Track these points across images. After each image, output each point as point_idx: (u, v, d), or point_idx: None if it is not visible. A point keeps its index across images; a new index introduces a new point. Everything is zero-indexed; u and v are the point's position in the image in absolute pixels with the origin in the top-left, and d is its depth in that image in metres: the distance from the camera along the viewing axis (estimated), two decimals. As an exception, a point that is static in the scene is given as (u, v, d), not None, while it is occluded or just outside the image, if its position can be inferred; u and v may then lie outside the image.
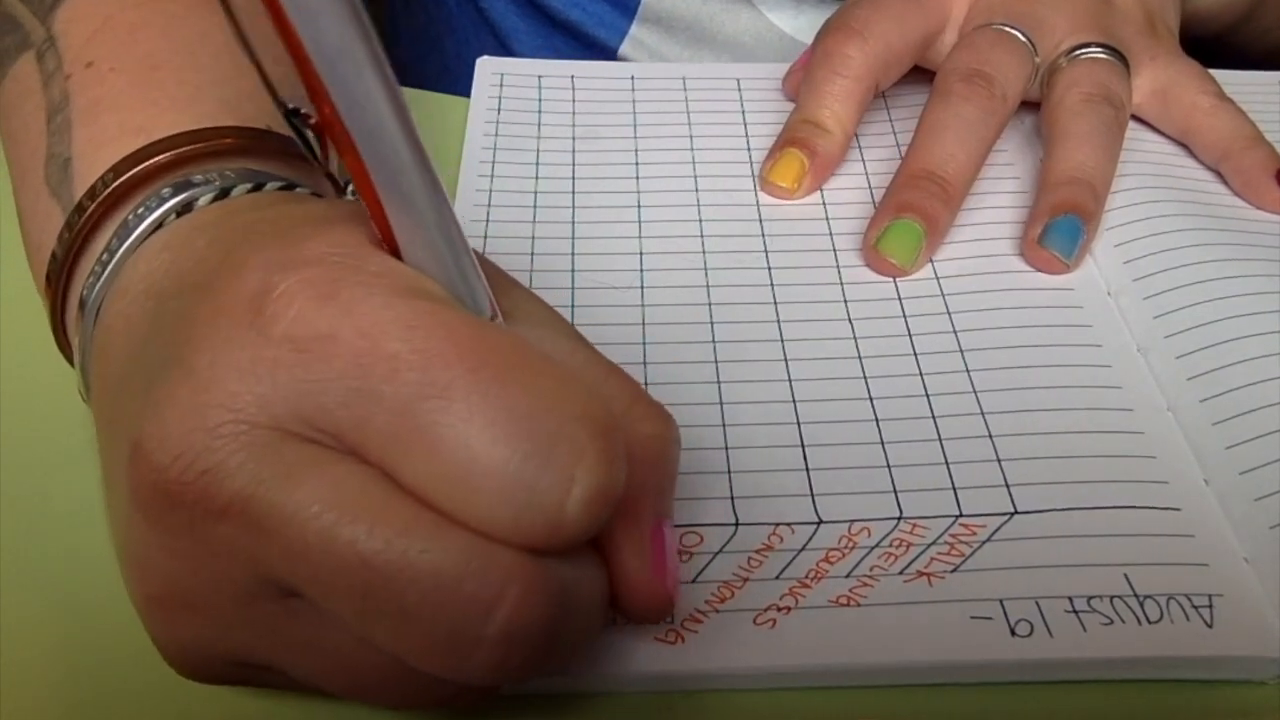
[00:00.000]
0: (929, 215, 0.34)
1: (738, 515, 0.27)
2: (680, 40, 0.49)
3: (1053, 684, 0.25)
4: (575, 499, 0.19)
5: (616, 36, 0.50)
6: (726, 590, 0.26)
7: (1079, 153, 0.35)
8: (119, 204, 0.25)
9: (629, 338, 0.32)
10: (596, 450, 0.19)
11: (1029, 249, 0.34)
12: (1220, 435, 0.29)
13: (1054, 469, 0.28)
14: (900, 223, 0.34)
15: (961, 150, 0.35)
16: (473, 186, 0.37)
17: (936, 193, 0.34)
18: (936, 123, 0.35)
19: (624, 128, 0.40)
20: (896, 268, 0.34)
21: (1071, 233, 0.34)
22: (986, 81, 0.35)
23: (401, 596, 0.18)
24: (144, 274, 0.23)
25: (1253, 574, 0.26)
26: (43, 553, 0.27)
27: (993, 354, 0.32)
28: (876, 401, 0.30)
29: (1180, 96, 0.38)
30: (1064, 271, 0.34)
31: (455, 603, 0.18)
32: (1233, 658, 0.25)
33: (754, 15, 0.48)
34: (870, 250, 0.34)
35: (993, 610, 0.25)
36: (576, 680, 0.25)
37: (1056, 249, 0.34)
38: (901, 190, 0.35)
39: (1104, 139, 0.35)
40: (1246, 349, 0.31)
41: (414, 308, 0.19)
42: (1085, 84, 0.36)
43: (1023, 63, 0.36)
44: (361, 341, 0.19)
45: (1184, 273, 0.33)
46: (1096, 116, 0.35)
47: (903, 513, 0.27)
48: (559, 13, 0.51)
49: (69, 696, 0.25)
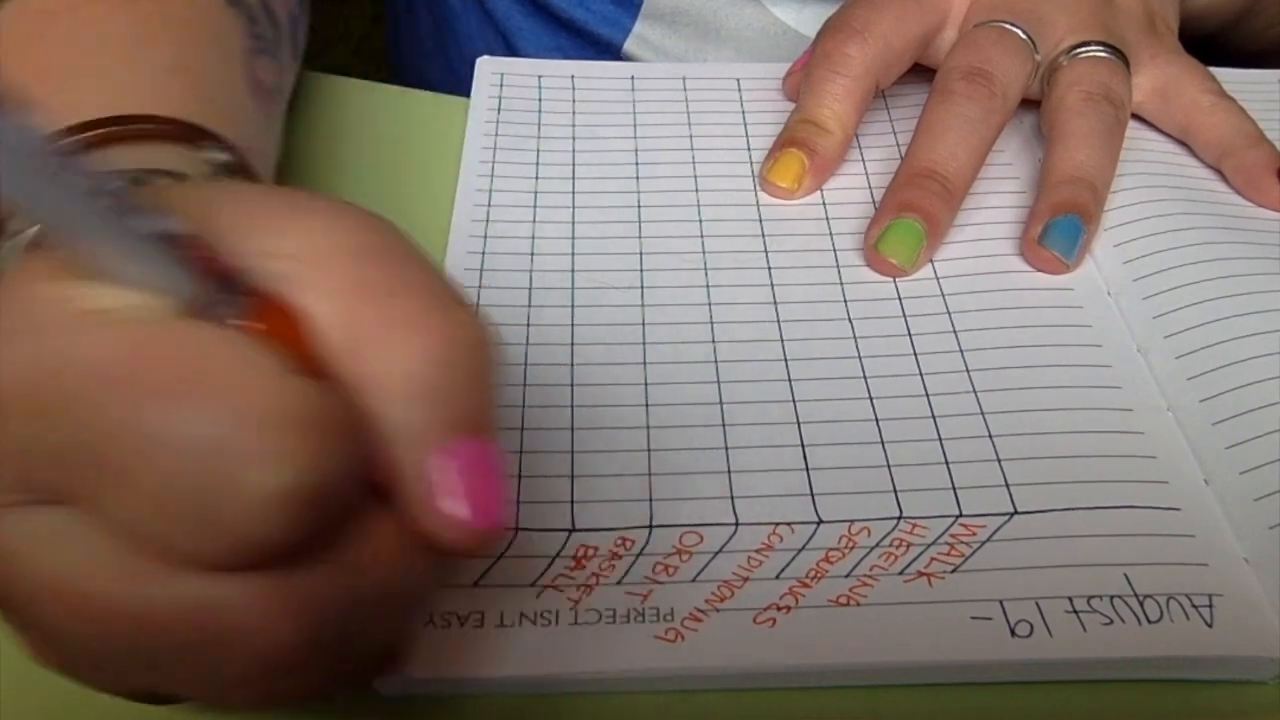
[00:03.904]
0: (930, 214, 0.34)
1: (738, 515, 0.27)
2: (685, 36, 0.49)
3: (1053, 684, 0.25)
4: (259, 506, 0.17)
5: (621, 34, 0.50)
6: (726, 589, 0.26)
7: (1079, 152, 0.35)
8: None
9: (629, 338, 0.32)
10: (276, 450, 0.17)
11: (1029, 249, 0.34)
12: (1220, 435, 0.29)
13: (1054, 469, 0.28)
14: (901, 223, 0.34)
15: (962, 149, 0.35)
16: (473, 186, 0.37)
17: (938, 191, 0.34)
18: (937, 122, 0.35)
19: (624, 128, 0.40)
20: (897, 268, 0.34)
21: (1072, 232, 0.34)
22: (987, 80, 0.35)
23: (154, 644, 0.18)
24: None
25: (1253, 574, 0.26)
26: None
27: (993, 354, 0.32)
28: (876, 401, 0.30)
29: (1181, 94, 0.38)
30: (1064, 271, 0.34)
31: (200, 644, 0.18)
32: (1233, 658, 0.25)
33: (758, 10, 0.48)
34: (871, 250, 0.34)
35: (993, 610, 0.25)
36: (575, 680, 0.25)
37: (1057, 249, 0.34)
38: (902, 189, 0.35)
39: (1104, 138, 0.35)
40: (1246, 349, 0.31)
41: (74, 343, 0.17)
42: (1086, 83, 0.36)
43: (1023, 61, 0.36)
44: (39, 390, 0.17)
45: (1184, 272, 0.33)
46: (1097, 116, 0.35)
47: (903, 512, 0.27)
48: (562, 11, 0.51)
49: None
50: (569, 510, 0.28)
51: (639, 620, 0.25)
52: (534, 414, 0.30)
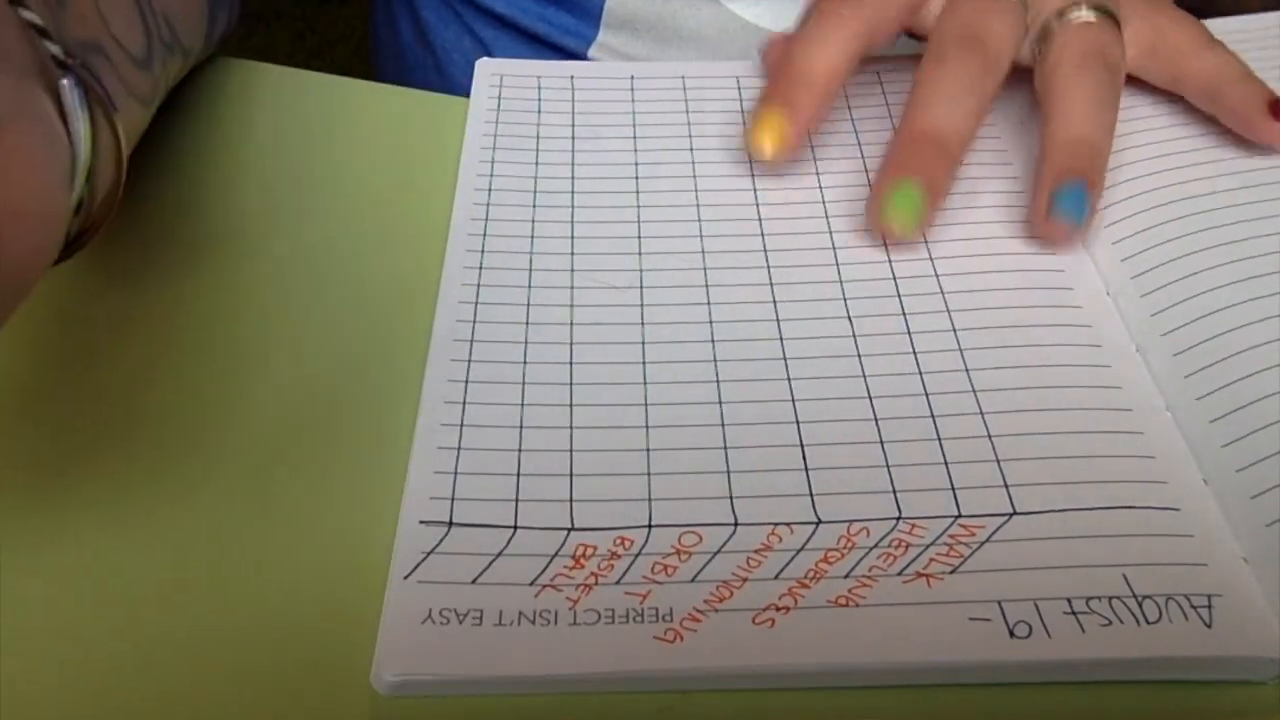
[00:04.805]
0: (930, 176, 0.34)
1: (737, 515, 0.27)
2: (646, 41, 0.50)
3: (1051, 685, 0.25)
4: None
5: (584, 44, 0.51)
6: (725, 590, 0.26)
7: (1077, 116, 0.34)
8: None
9: (628, 337, 0.32)
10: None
11: (1040, 224, 0.34)
12: (1218, 432, 0.29)
13: (1053, 469, 0.28)
14: (902, 189, 0.34)
15: (958, 112, 0.34)
16: (472, 186, 0.37)
17: (936, 154, 0.34)
18: (932, 83, 0.35)
19: (623, 128, 0.40)
20: (901, 234, 0.34)
21: (1077, 199, 0.33)
22: (980, 43, 0.35)
23: None
24: None
25: (1252, 574, 0.26)
26: (44, 555, 0.27)
27: (992, 353, 0.32)
28: (875, 401, 0.30)
29: (1166, 44, 0.38)
30: (1076, 239, 0.33)
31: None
32: (1232, 658, 0.25)
33: (715, 8, 0.48)
34: (875, 218, 0.34)
35: (991, 611, 0.25)
36: (572, 680, 0.25)
37: (1066, 219, 0.33)
38: (901, 152, 0.34)
39: (1101, 103, 0.35)
40: (1241, 340, 0.31)
41: None
42: (1079, 47, 0.36)
43: (1015, 23, 0.36)
44: None
45: (1180, 266, 0.33)
46: (1093, 80, 0.35)
47: (902, 513, 0.27)
48: (527, 26, 0.51)
49: (69, 698, 0.25)
50: (568, 509, 0.28)
51: (637, 620, 0.25)
52: (533, 413, 0.30)
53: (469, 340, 0.32)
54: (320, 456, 0.30)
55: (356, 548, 0.27)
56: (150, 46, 0.35)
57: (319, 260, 0.35)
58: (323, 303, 0.34)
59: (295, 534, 0.28)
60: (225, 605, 0.26)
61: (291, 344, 0.33)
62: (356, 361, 0.32)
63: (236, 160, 0.39)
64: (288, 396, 0.31)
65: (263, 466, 0.29)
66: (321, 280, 0.35)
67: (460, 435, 0.29)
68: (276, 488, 0.29)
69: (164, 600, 0.26)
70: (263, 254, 0.35)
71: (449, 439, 0.29)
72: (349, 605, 0.26)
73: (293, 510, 0.28)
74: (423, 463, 0.29)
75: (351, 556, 0.27)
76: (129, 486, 0.29)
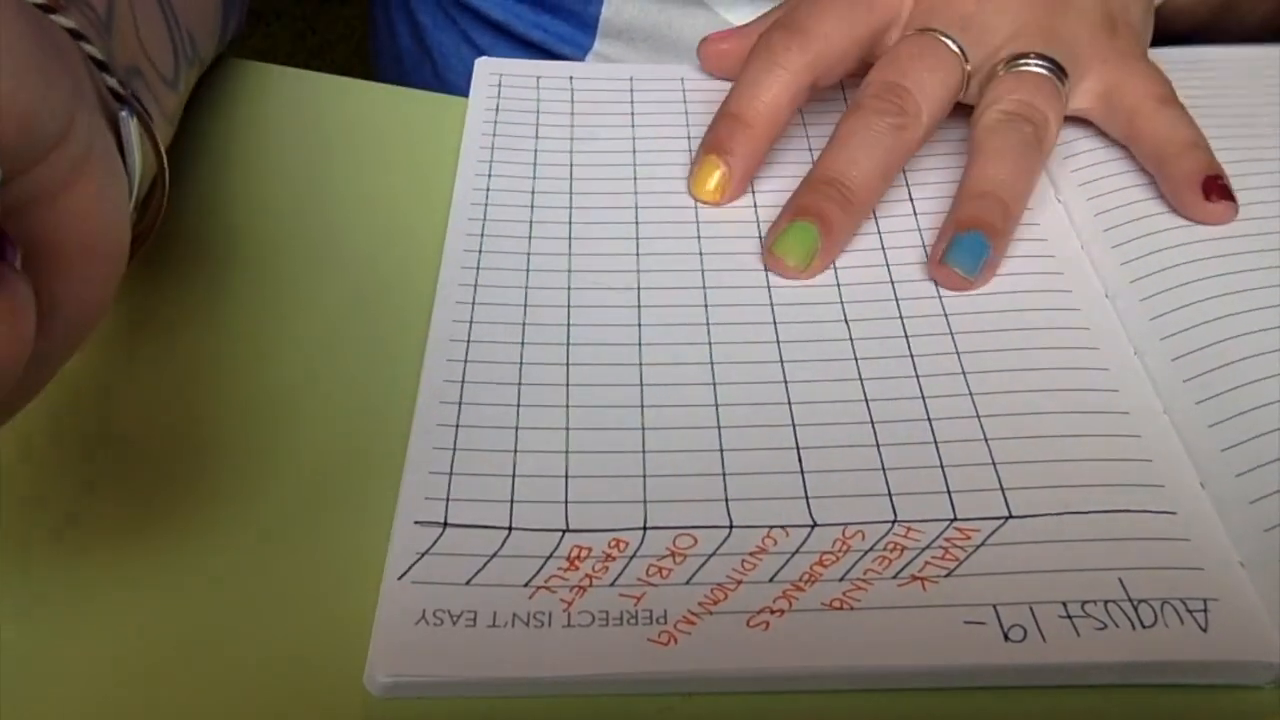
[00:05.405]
0: (826, 219, 0.34)
1: (732, 517, 0.27)
2: (642, 50, 0.50)
3: (1046, 689, 0.25)
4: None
5: (580, 52, 0.51)
6: (720, 592, 0.26)
7: (990, 168, 0.35)
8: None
9: (625, 339, 0.32)
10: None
11: (933, 267, 0.34)
12: (1216, 437, 0.29)
13: (1049, 473, 0.28)
14: (795, 226, 0.34)
15: (866, 159, 0.35)
16: (470, 186, 0.37)
17: (835, 197, 0.34)
18: (845, 132, 0.35)
19: (622, 129, 0.40)
20: (792, 270, 0.34)
21: (975, 249, 0.33)
22: (900, 95, 0.35)
23: None
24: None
25: (1248, 578, 0.26)
26: (42, 556, 0.27)
27: (989, 356, 0.32)
28: (872, 404, 0.30)
29: (1124, 100, 0.37)
30: (968, 288, 0.34)
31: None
32: (1228, 662, 0.25)
33: (710, 16, 0.48)
34: (767, 252, 0.34)
35: (986, 615, 0.25)
36: (566, 682, 0.25)
37: (958, 266, 0.33)
38: (802, 195, 0.35)
39: (1018, 156, 0.35)
40: (1242, 348, 0.31)
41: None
42: (1006, 101, 0.36)
43: (946, 76, 0.36)
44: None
45: (1181, 272, 0.33)
46: (1013, 133, 0.35)
47: (897, 516, 0.27)
48: (523, 34, 0.51)
49: (62, 694, 0.25)
50: (563, 511, 0.28)
51: (631, 623, 0.25)
52: (529, 414, 0.30)
53: (465, 340, 0.32)
54: (315, 456, 0.29)
55: (351, 548, 0.27)
56: (177, 66, 0.35)
57: (317, 259, 0.35)
58: (320, 301, 0.34)
59: (290, 534, 0.28)
60: (219, 605, 0.26)
61: (287, 342, 0.32)
62: (352, 360, 0.32)
63: (236, 160, 0.39)
64: (283, 396, 0.31)
65: (256, 466, 0.29)
66: (319, 279, 0.35)
67: (456, 436, 0.29)
68: (270, 487, 0.29)
69: (157, 601, 0.26)
70: (261, 253, 0.35)
71: (444, 439, 0.29)
72: (343, 605, 0.26)
73: (287, 510, 0.28)
74: (418, 463, 0.28)
75: (346, 556, 0.27)
76: (121, 483, 0.29)
